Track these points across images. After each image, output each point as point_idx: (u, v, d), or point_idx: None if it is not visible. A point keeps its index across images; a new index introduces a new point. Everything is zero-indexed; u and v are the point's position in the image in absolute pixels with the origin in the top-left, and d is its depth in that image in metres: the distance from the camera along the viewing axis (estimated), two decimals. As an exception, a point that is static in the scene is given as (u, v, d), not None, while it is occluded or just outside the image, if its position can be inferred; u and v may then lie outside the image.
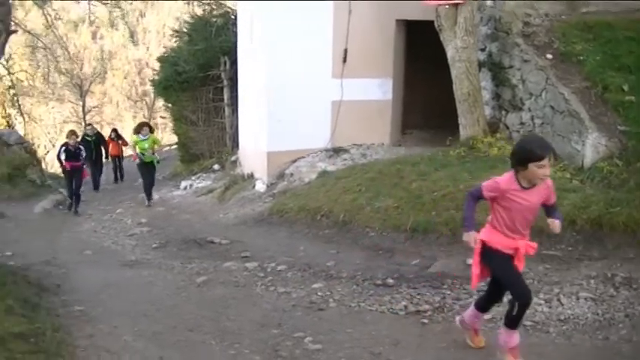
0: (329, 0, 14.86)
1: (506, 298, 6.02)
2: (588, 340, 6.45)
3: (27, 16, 32.50)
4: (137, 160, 17.74)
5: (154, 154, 17.87)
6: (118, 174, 25.51)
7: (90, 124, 26.46)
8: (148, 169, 17.75)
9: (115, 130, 26.24)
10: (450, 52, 12.58)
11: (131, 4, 34.45)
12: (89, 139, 22.06)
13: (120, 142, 25.41)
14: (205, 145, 22.35)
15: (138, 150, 17.51)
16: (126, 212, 16.62)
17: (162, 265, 10.14)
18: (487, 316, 7.14)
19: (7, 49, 27.65)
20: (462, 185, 10.29)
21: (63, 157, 17.05)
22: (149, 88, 41.76)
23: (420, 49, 15.31)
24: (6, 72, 31.27)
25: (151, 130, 18.24)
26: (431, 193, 10.47)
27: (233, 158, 20.19)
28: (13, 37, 27.06)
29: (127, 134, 28.84)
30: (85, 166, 17.80)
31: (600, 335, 6.52)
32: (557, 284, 7.71)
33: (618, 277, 7.68)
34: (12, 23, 25.61)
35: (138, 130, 17.96)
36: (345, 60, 15.12)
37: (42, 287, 8.34)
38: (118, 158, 25.47)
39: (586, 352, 6.22)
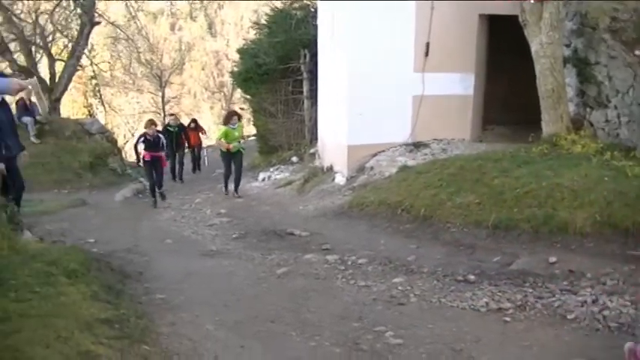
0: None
1: None
2: (677, 344, 6.35)
3: (109, 7, 33.03)
4: (223, 150, 17.48)
5: (239, 142, 17.53)
6: (196, 164, 25.62)
7: (173, 115, 26.56)
8: (236, 158, 17.38)
9: (194, 120, 26.41)
10: (534, 48, 12.43)
11: (211, -4, 34.79)
12: (172, 129, 22.26)
13: (199, 132, 25.58)
14: (284, 137, 22.46)
15: (225, 140, 17.15)
16: (205, 202, 16.82)
17: (242, 255, 10.23)
18: (570, 316, 7.11)
19: (89, 40, 28.34)
20: (544, 183, 10.19)
21: (141, 147, 16.75)
22: (227, 79, 42.12)
23: (502, 43, 15.17)
24: (89, 62, 31.83)
25: (239, 119, 17.83)
26: (513, 189, 10.38)
27: (312, 150, 20.26)
28: (96, 28, 27.70)
29: (205, 125, 29.20)
30: (164, 156, 17.59)
31: (688, 338, 6.42)
32: (644, 285, 7.60)
33: None
34: (95, 15, 26.27)
35: (228, 119, 17.69)
36: (427, 54, 15.07)
37: (125, 274, 8.47)
38: (198, 148, 25.65)
39: (674, 356, 6.13)
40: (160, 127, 19.42)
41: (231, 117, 17.73)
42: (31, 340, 5.17)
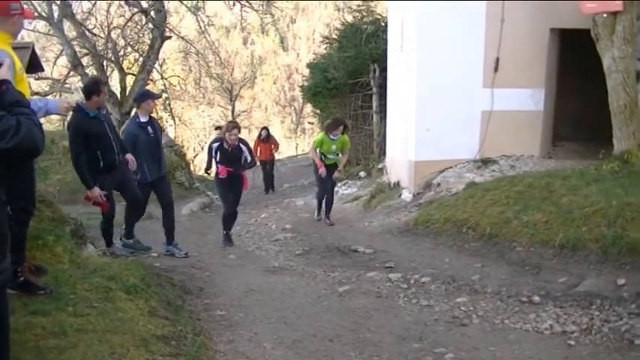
0: (482, 0, 14.68)
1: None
2: None
3: (181, 22, 33.45)
4: (321, 168, 14.73)
5: (337, 155, 15.01)
6: (270, 183, 24.11)
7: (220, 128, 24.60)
8: (328, 172, 14.77)
9: (266, 129, 24.53)
10: (606, 62, 12.17)
11: (282, 10, 34.97)
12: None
13: (271, 144, 23.77)
14: (352, 152, 22.44)
15: (319, 151, 14.87)
16: (270, 217, 16.81)
17: (304, 272, 10.19)
18: (638, 342, 6.87)
19: (161, 54, 28.71)
20: (614, 201, 9.91)
21: (218, 157, 12.51)
22: (298, 93, 42.37)
23: (573, 58, 14.91)
24: (159, 76, 32.29)
25: (345, 130, 15.09)
26: (582, 208, 10.14)
27: (380, 166, 20.18)
28: (167, 43, 28.05)
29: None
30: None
31: None
32: None
33: None
34: (166, 29, 26.61)
35: (331, 128, 14.84)
36: (496, 69, 14.89)
37: (185, 290, 8.49)
38: (270, 164, 23.95)
39: None
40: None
41: (335, 127, 14.85)
42: (85, 356, 5.21)
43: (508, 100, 14.97)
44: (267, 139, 23.77)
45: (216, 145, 12.40)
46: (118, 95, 25.33)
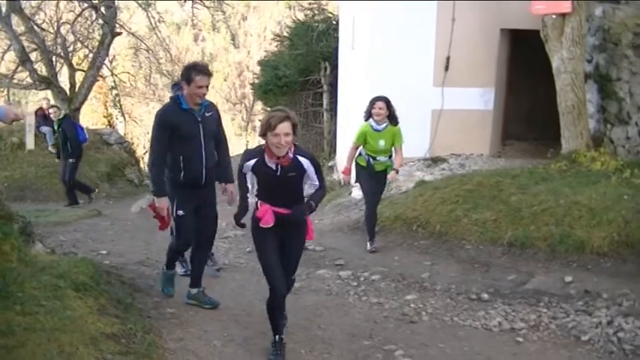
0: (433, 0, 14.76)
1: None
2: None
3: (131, 18, 33.13)
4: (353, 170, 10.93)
5: (390, 157, 10.60)
6: None
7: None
8: (375, 181, 10.69)
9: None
10: (555, 63, 12.31)
11: (234, 8, 34.85)
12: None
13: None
14: (303, 150, 22.45)
15: (364, 152, 10.56)
16: (219, 214, 16.70)
17: (255, 270, 10.07)
18: (584, 338, 6.96)
19: (111, 51, 28.40)
20: (562, 200, 10.05)
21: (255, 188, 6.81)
22: (248, 90, 42.28)
23: (523, 58, 15.06)
24: (109, 73, 31.96)
25: (392, 116, 10.40)
26: (530, 207, 10.25)
27: (330, 164, 20.19)
28: (117, 39, 27.77)
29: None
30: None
31: None
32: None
33: None
34: (117, 25, 26.35)
35: (368, 107, 10.44)
36: (447, 68, 14.98)
37: (135, 287, 8.39)
38: None
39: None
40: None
41: (371, 103, 10.40)
42: (34, 355, 5.14)
43: (458, 99, 15.06)
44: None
45: (251, 163, 6.40)
46: (67, 91, 24.99)
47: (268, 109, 25.01)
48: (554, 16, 12.28)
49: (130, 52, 37.31)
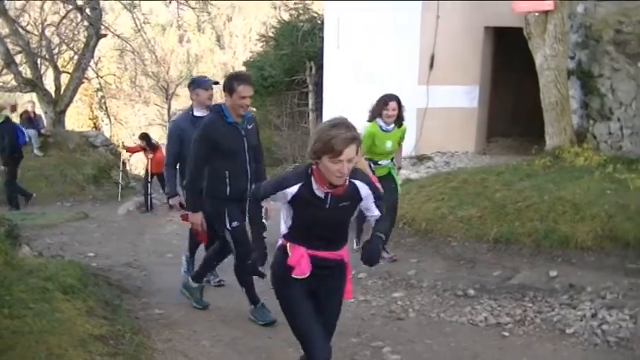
0: (418, 0, 14.84)
1: None
2: (675, 358, 6.30)
3: (116, 19, 33.09)
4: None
5: (392, 160, 9.85)
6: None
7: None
8: (384, 188, 8.19)
9: (145, 136, 19.26)
10: (538, 60, 12.42)
11: (219, 8, 34.84)
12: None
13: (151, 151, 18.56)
14: (289, 150, 22.49)
15: (369, 154, 9.50)
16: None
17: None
18: (569, 331, 7.05)
19: (96, 52, 28.40)
20: (546, 196, 10.12)
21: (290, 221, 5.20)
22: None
23: (507, 56, 15.17)
24: (95, 75, 31.92)
25: (399, 116, 9.51)
26: (515, 203, 10.31)
27: (315, 164, 20.23)
28: (102, 41, 27.77)
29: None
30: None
31: (688, 353, 6.37)
32: (643, 299, 7.53)
33: None
34: (102, 27, 26.36)
35: (379, 110, 9.31)
36: (431, 66, 15.07)
37: (123, 289, 8.45)
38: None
39: (672, 371, 6.09)
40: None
41: (383, 102, 9.34)
42: (23, 358, 5.17)
43: (443, 97, 15.16)
44: (152, 147, 18.82)
45: (292, 191, 4.85)
46: (53, 94, 24.99)
47: (254, 109, 25.05)
48: (536, 14, 12.40)
49: (116, 54, 37.29)
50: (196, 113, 8.36)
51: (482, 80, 15.38)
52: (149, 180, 18.06)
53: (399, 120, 9.52)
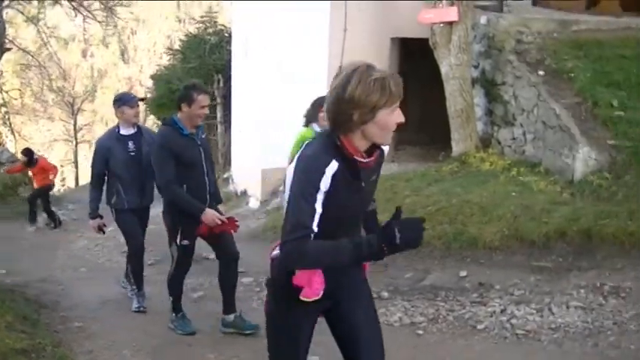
0: (326, 0, 15.02)
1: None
2: (578, 347, 6.61)
3: (17, 32, 32.50)
4: None
5: None
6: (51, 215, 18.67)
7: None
8: None
9: (27, 152, 18.90)
10: (444, 69, 12.73)
11: (127, 22, 34.58)
12: None
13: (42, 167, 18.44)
14: (199, 163, 22.45)
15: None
16: (118, 230, 16.59)
17: (157, 281, 10.14)
18: (480, 326, 7.32)
19: (-1, 67, 27.92)
20: (454, 200, 10.42)
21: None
22: (141, 106, 42.06)
23: (414, 66, 15.45)
24: (-2, 89, 31.35)
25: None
26: (424, 207, 10.56)
27: (225, 175, 20.28)
28: (5, 55, 27.24)
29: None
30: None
31: (590, 342, 6.68)
32: (548, 294, 7.84)
33: (607, 286, 7.83)
34: (6, 41, 25.85)
35: (315, 114, 8.31)
36: (339, 77, 15.24)
37: (41, 304, 8.42)
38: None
39: (576, 359, 6.39)
40: None
41: (319, 105, 8.18)
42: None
43: (352, 107, 15.33)
44: (33, 163, 18.52)
45: (333, 170, 3.53)
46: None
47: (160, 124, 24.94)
48: (441, 25, 12.70)
49: (17, 68, 36.61)
50: (122, 131, 8.18)
51: (389, 90, 15.59)
52: (38, 195, 18.11)
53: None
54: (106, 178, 8.29)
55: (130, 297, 8.65)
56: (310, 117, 8.61)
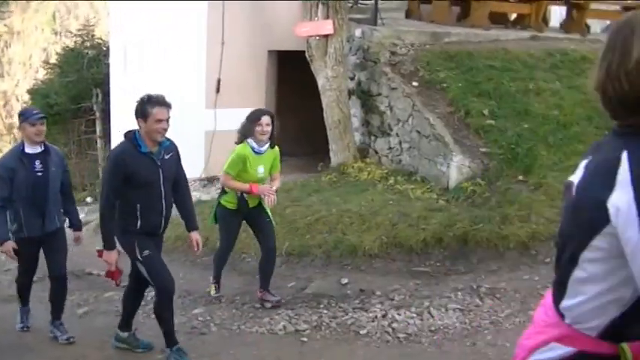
0: (202, 25, 15.02)
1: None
2: (457, 347, 6.88)
3: None
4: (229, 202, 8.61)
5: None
6: None
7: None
8: (258, 221, 8.78)
9: None
10: (320, 82, 12.92)
11: (0, 35, 33.71)
12: None
13: None
14: (78, 179, 22.04)
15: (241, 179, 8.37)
16: (-1, 249, 16.19)
17: (41, 298, 9.96)
18: (363, 332, 7.48)
19: None
20: (334, 209, 10.61)
21: None
22: (16, 121, 41.05)
23: (291, 78, 15.60)
24: None
25: (272, 135, 8.39)
26: (304, 217, 10.72)
27: (106, 190, 19.99)
28: None
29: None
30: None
31: (468, 342, 6.96)
32: (428, 298, 8.11)
33: (483, 288, 8.19)
34: None
35: (251, 128, 8.26)
36: (218, 90, 15.27)
37: None
38: None
39: (456, 359, 6.63)
40: None
41: (256, 118, 8.28)
42: None
43: (230, 119, 15.28)
44: None
45: None
46: None
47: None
48: (317, 38, 12.90)
49: None
50: (27, 150, 7.41)
51: (267, 103, 15.68)
52: None
53: (273, 140, 8.45)
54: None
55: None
56: (246, 132, 8.35)
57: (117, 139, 17.97)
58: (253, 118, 8.25)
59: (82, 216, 16.18)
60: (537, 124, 11.47)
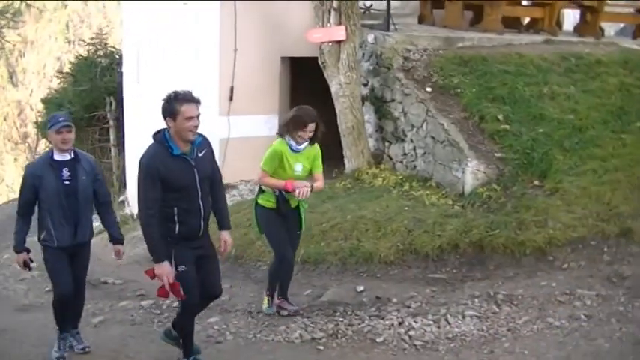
0: (215, 32, 15.02)
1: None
2: (475, 354, 6.85)
3: None
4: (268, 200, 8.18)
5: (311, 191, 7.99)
6: None
7: None
8: (288, 223, 8.35)
9: None
10: (334, 88, 12.90)
11: (15, 45, 33.81)
12: None
13: None
14: (93, 188, 22.13)
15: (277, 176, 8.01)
16: (13, 257, 16.19)
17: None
18: (379, 339, 7.45)
19: None
20: (349, 216, 10.58)
21: None
22: (31, 129, 41.13)
23: (305, 84, 15.59)
24: None
25: (315, 135, 8.10)
26: (320, 224, 10.69)
27: (121, 199, 20.02)
28: None
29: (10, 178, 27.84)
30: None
31: (486, 349, 6.92)
32: (444, 305, 8.08)
33: (500, 294, 8.15)
34: None
35: (295, 127, 7.92)
36: (231, 98, 15.26)
37: None
38: None
39: (473, 366, 6.61)
40: None
41: (301, 124, 7.89)
42: None
43: (244, 127, 15.37)
44: None
45: None
46: None
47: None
48: (330, 44, 12.88)
49: None
50: (56, 157, 7.15)
51: (280, 109, 15.68)
52: None
53: (314, 139, 8.12)
54: (36, 208, 7.32)
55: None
56: (288, 132, 8.03)
57: (131, 147, 18.06)
58: (299, 124, 7.86)
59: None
60: (552, 128, 11.40)
